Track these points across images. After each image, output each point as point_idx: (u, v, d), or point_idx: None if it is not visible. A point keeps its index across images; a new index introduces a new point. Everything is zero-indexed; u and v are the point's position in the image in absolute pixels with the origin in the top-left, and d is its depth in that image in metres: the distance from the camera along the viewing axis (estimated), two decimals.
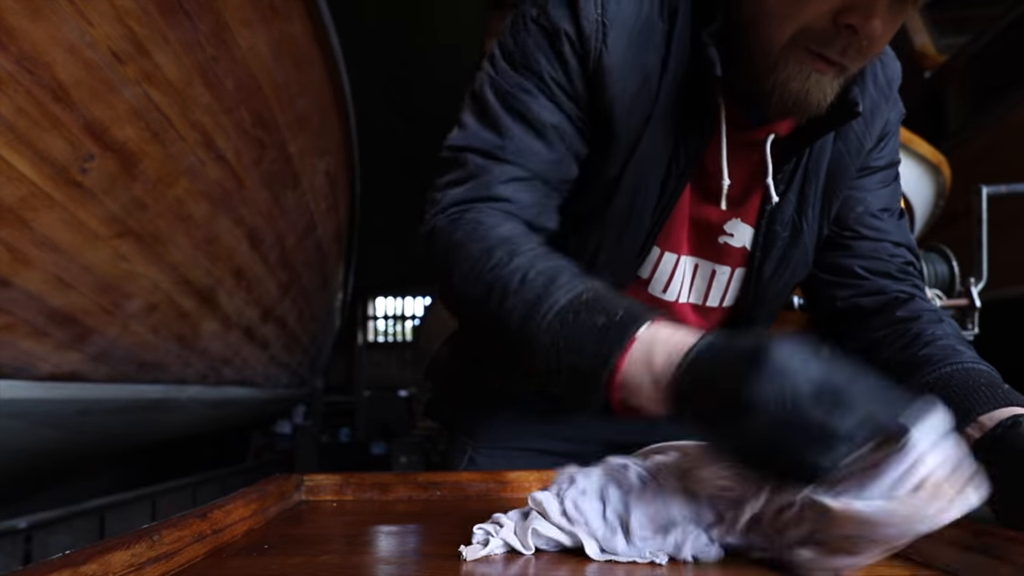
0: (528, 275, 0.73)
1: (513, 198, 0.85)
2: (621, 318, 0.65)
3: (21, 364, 2.19)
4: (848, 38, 0.77)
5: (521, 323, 0.71)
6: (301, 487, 0.95)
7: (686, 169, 0.90)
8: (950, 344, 0.95)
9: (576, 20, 0.86)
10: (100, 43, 1.71)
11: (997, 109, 3.92)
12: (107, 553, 0.51)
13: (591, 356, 0.65)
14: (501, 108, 0.88)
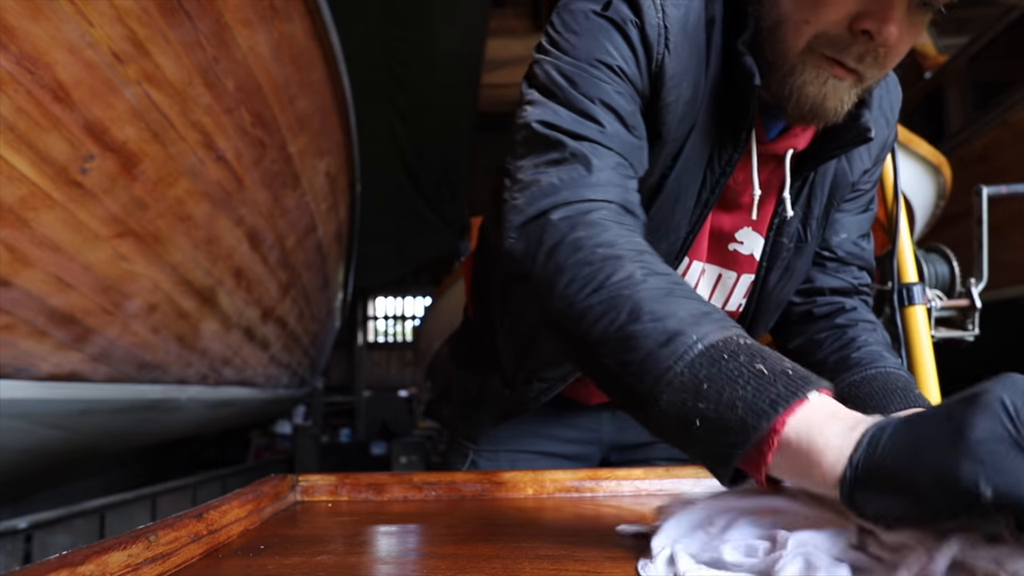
0: (669, 301, 0.64)
1: (617, 187, 0.80)
2: (791, 372, 0.57)
3: (21, 364, 2.19)
4: (865, 44, 0.77)
5: (652, 351, 0.61)
6: (296, 487, 0.95)
7: (720, 178, 0.92)
8: (878, 351, 1.03)
9: (640, 19, 0.85)
10: (100, 43, 1.71)
11: (997, 109, 3.92)
12: (104, 553, 0.51)
13: (746, 405, 0.55)
14: (581, 95, 0.83)
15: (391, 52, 5.83)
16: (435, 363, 5.24)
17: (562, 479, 1.01)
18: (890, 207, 1.53)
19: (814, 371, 0.73)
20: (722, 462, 0.57)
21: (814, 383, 0.56)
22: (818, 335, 1.09)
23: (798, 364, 0.59)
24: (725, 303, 1.06)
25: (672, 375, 0.59)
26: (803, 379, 0.56)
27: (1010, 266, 3.88)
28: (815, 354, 1.08)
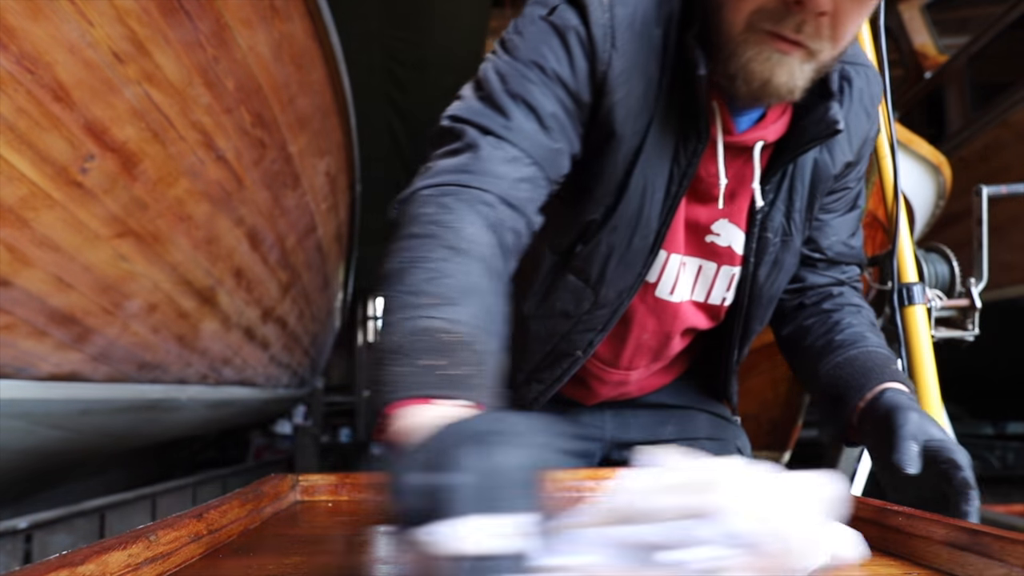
0: (433, 283, 0.70)
1: (505, 176, 0.83)
2: (442, 377, 0.62)
3: (21, 364, 2.19)
4: (801, 14, 0.79)
5: (391, 311, 0.68)
6: (296, 487, 0.95)
7: (687, 170, 0.94)
8: (860, 331, 1.08)
9: (587, 22, 0.88)
10: (100, 43, 1.71)
11: (997, 109, 3.92)
12: (104, 553, 0.51)
13: (392, 379, 0.62)
14: (503, 91, 0.87)
15: (391, 52, 5.82)
16: None
17: (563, 479, 1.01)
18: (890, 207, 1.52)
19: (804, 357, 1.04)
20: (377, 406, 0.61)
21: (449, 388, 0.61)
22: (806, 321, 1.14)
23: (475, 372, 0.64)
24: (708, 295, 1.08)
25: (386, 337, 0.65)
26: (444, 382, 0.61)
27: (1010, 266, 3.88)
28: (804, 341, 1.13)
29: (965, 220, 1.94)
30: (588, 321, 1.06)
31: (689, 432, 1.26)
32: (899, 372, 0.99)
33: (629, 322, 1.09)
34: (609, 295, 1.03)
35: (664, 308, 1.08)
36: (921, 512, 0.66)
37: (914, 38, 4.80)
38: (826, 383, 1.05)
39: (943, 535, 0.60)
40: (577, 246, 1.01)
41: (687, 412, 1.27)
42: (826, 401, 1.05)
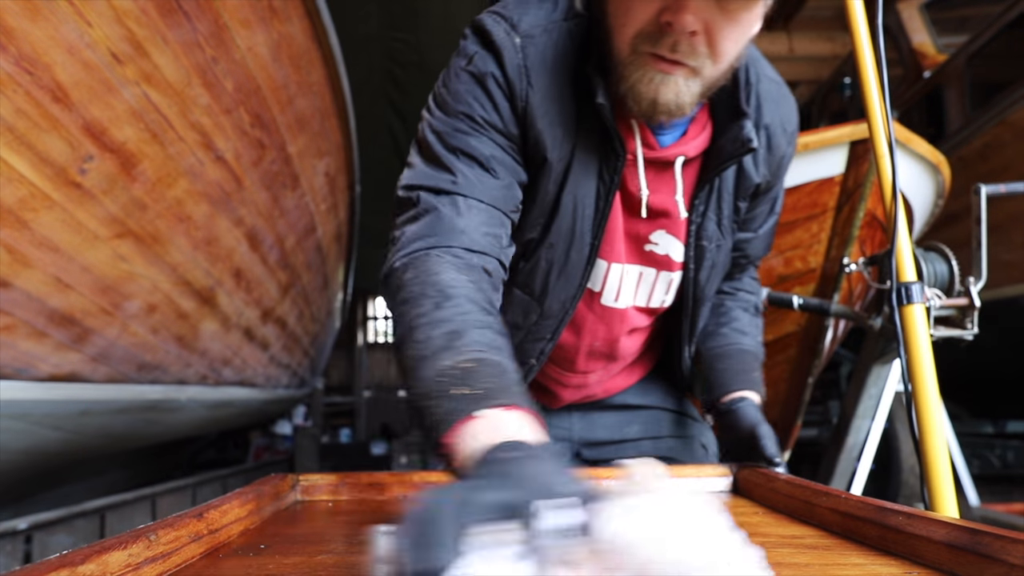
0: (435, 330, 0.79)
1: (464, 229, 0.92)
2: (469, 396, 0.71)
3: (21, 365, 2.19)
4: (674, 35, 0.86)
5: (414, 368, 0.77)
6: (297, 487, 0.95)
7: (612, 186, 1.04)
8: (742, 327, 1.28)
9: (502, 66, 0.97)
10: (99, 44, 1.71)
11: (997, 108, 3.92)
12: (104, 553, 0.51)
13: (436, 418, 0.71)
14: (443, 148, 0.97)
15: (390, 53, 5.82)
16: None
17: None
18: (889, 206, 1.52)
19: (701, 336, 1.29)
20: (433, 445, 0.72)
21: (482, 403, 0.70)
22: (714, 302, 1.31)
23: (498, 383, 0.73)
24: (649, 298, 1.19)
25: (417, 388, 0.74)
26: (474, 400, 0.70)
27: (1009, 265, 3.88)
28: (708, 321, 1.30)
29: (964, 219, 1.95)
30: (536, 331, 1.16)
31: (653, 431, 1.36)
32: (757, 378, 1.22)
33: (580, 330, 1.20)
34: (553, 306, 1.13)
35: (611, 315, 1.18)
36: (921, 512, 0.66)
37: (913, 37, 4.79)
38: (707, 365, 1.27)
39: (943, 534, 0.60)
40: (520, 263, 1.10)
41: (652, 412, 1.37)
42: (703, 378, 1.27)
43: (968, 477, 3.08)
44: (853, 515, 0.72)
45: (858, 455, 2.58)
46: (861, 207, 2.39)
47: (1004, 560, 0.53)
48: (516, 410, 0.70)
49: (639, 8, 0.88)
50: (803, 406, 2.78)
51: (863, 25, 1.58)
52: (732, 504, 0.99)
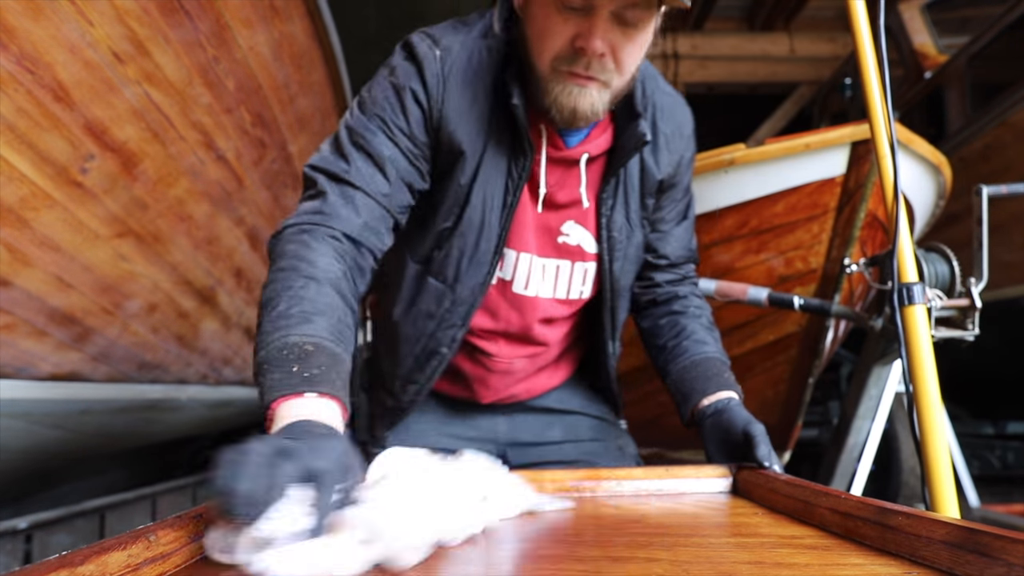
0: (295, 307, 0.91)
1: (347, 216, 1.05)
2: (304, 377, 0.83)
3: (21, 364, 2.19)
4: (587, 57, 1.04)
5: (265, 332, 0.89)
6: None
7: (519, 182, 1.17)
8: (701, 337, 1.36)
9: (422, 76, 1.13)
10: (100, 43, 1.71)
11: (997, 109, 3.91)
12: (104, 553, 0.51)
13: (270, 384, 0.83)
14: (349, 142, 1.11)
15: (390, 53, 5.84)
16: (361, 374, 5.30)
17: (562, 479, 1.01)
18: (890, 207, 1.52)
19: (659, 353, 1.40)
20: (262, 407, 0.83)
21: (312, 386, 0.82)
22: (660, 320, 1.42)
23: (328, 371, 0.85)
24: (568, 291, 1.31)
25: (265, 351, 0.86)
26: (307, 382, 0.82)
27: (1010, 266, 3.88)
28: (658, 339, 1.41)
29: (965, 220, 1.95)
30: (449, 318, 1.26)
31: (574, 435, 1.46)
32: (731, 381, 1.29)
33: (496, 316, 1.31)
34: (464, 292, 1.24)
35: (522, 302, 1.29)
36: (920, 512, 0.66)
37: (914, 38, 4.79)
38: (676, 379, 1.33)
39: (943, 534, 0.60)
40: (434, 251, 1.23)
41: (573, 416, 1.48)
42: (675, 394, 1.33)
43: (968, 478, 3.07)
44: (852, 515, 0.73)
45: (858, 456, 2.58)
46: (862, 208, 2.39)
47: (1004, 560, 0.53)
48: (333, 400, 0.83)
49: (556, 35, 1.05)
50: (803, 406, 2.78)
51: (864, 26, 1.58)
52: (731, 504, 0.99)
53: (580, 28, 1.03)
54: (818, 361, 2.69)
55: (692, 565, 0.63)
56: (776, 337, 2.71)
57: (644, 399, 3.04)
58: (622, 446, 1.49)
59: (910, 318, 1.45)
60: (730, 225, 2.63)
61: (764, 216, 2.56)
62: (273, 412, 0.80)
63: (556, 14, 1.04)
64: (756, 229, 2.59)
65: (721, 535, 0.81)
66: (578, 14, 1.03)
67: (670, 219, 1.40)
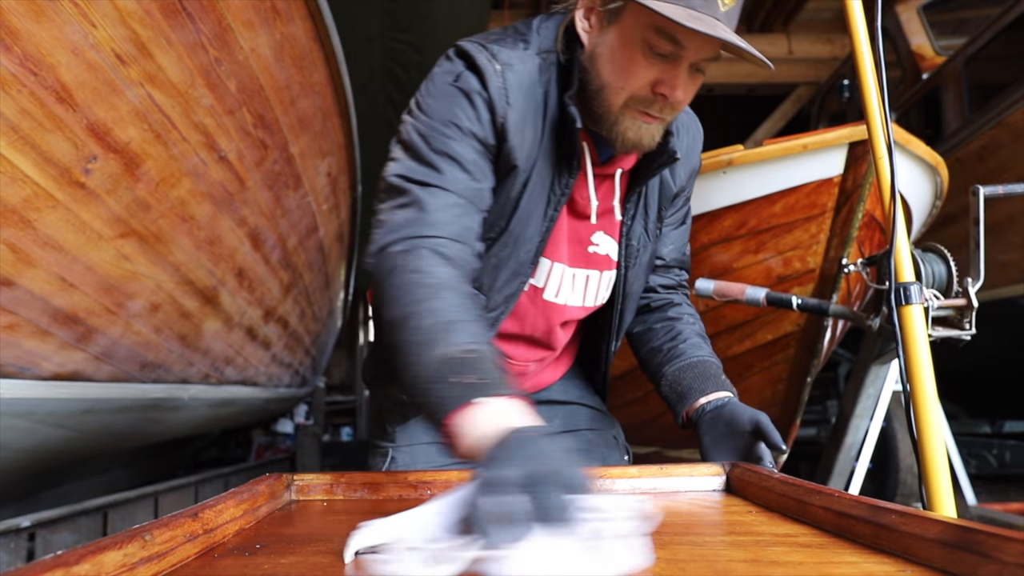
0: (431, 319, 0.92)
1: (447, 221, 1.07)
2: (476, 383, 0.84)
3: (24, 364, 2.20)
4: (662, 101, 1.10)
5: (413, 354, 0.90)
6: (292, 487, 0.96)
7: (561, 196, 1.22)
8: (697, 342, 1.42)
9: (485, 86, 1.13)
10: (103, 45, 1.72)
11: (994, 110, 3.91)
12: (99, 553, 0.51)
13: (439, 400, 0.84)
14: (429, 149, 1.11)
15: (391, 54, 5.83)
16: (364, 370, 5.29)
17: None
18: (887, 207, 1.53)
19: (652, 355, 1.45)
20: (436, 426, 0.85)
21: (484, 391, 0.83)
22: (654, 325, 1.47)
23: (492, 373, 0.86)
24: (594, 298, 1.36)
25: (425, 369, 0.87)
26: (477, 388, 0.83)
27: (1007, 266, 3.89)
28: (652, 342, 1.46)
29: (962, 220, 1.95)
30: None
31: (572, 425, 1.51)
32: (728, 383, 1.34)
33: (523, 321, 1.35)
34: (497, 299, 1.27)
35: (551, 309, 1.34)
36: (914, 510, 0.66)
37: (911, 39, 4.79)
38: (672, 379, 1.38)
39: (936, 532, 0.60)
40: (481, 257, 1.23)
41: (572, 407, 1.53)
42: (670, 394, 1.38)
43: (965, 476, 3.08)
44: (847, 513, 0.73)
45: (856, 454, 2.58)
46: (860, 208, 2.40)
47: (997, 558, 0.53)
48: (513, 399, 0.83)
49: (638, 77, 1.09)
50: (802, 405, 2.79)
51: (862, 27, 1.59)
52: (725, 503, 1.00)
53: (663, 75, 1.08)
54: (816, 360, 2.70)
55: (688, 564, 0.63)
56: (774, 336, 2.72)
57: (645, 398, 3.05)
58: (616, 435, 1.56)
59: (907, 318, 1.46)
60: (728, 225, 2.63)
61: (762, 216, 2.56)
62: (454, 429, 0.82)
63: (641, 56, 1.07)
64: (754, 229, 2.59)
65: (716, 533, 0.81)
66: (664, 60, 1.07)
67: (670, 223, 1.45)
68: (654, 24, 1.05)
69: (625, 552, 0.62)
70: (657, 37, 1.05)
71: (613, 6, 1.10)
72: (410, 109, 1.18)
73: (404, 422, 1.43)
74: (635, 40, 1.07)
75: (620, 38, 1.09)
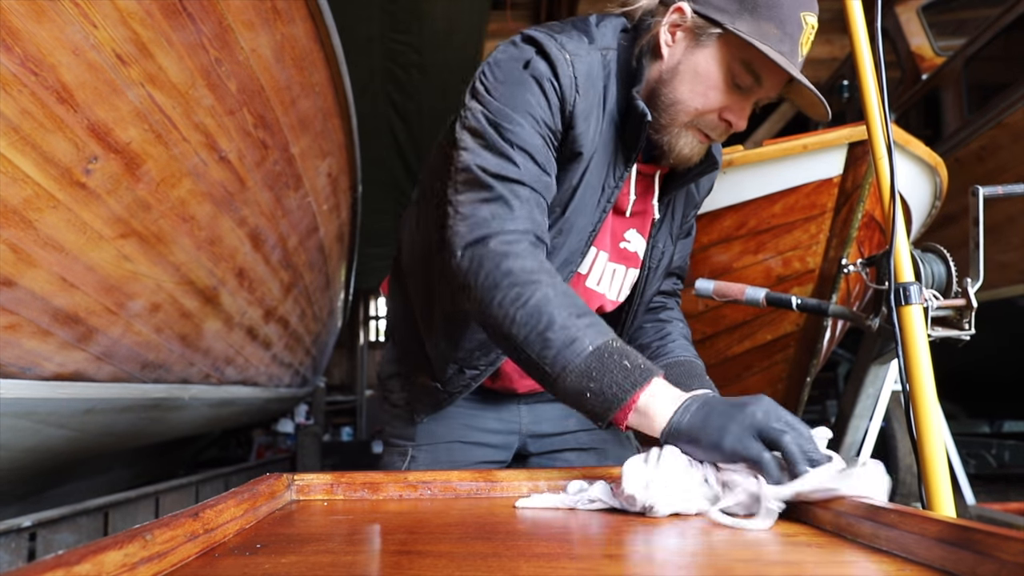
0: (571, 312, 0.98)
1: (529, 216, 1.08)
2: (643, 366, 0.95)
3: (26, 364, 2.20)
4: (724, 126, 1.18)
5: (561, 348, 0.96)
6: (292, 486, 0.96)
7: (614, 190, 1.24)
8: (684, 344, 1.45)
9: (556, 74, 1.13)
10: (104, 45, 1.72)
11: (994, 111, 3.92)
12: (100, 553, 0.51)
13: (616, 387, 0.93)
14: (502, 139, 1.10)
15: (391, 54, 5.83)
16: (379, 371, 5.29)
17: (556, 477, 1.02)
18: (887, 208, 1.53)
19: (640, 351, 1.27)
20: (601, 419, 0.95)
21: (656, 372, 0.95)
22: (645, 324, 1.50)
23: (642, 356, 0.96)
24: (618, 293, 1.39)
25: (573, 366, 0.95)
26: (650, 370, 0.94)
27: (1006, 266, 3.89)
28: (641, 339, 1.48)
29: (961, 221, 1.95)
30: None
31: (587, 423, 1.49)
32: (710, 382, 1.35)
33: None
34: None
35: (590, 297, 1.35)
36: (913, 510, 0.66)
37: (911, 40, 4.79)
38: None
39: (936, 532, 0.60)
40: None
41: None
42: None
43: (965, 476, 3.08)
44: (845, 513, 0.73)
45: (856, 454, 2.59)
46: (859, 208, 2.40)
47: (996, 557, 0.53)
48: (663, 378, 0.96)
49: (712, 100, 1.15)
50: (801, 405, 2.79)
51: (861, 28, 1.59)
52: None
53: (733, 104, 1.15)
54: (816, 360, 2.70)
55: (688, 563, 0.63)
56: (774, 336, 2.73)
57: None
58: (629, 435, 1.57)
59: (907, 318, 1.46)
60: (728, 225, 2.64)
61: (762, 217, 2.57)
62: (641, 408, 0.92)
63: (723, 83, 1.14)
64: (754, 229, 2.60)
65: (716, 532, 0.81)
66: (739, 91, 1.14)
67: (681, 232, 1.49)
68: (743, 58, 1.11)
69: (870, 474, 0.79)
70: (743, 70, 1.12)
71: (710, 31, 1.13)
72: (475, 94, 1.17)
73: (436, 412, 1.42)
74: (721, 68, 1.13)
75: (706, 62, 1.14)
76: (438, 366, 1.37)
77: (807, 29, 1.13)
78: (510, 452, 1.49)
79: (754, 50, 1.09)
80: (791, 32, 1.11)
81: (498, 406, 1.47)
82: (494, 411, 1.46)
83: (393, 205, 7.75)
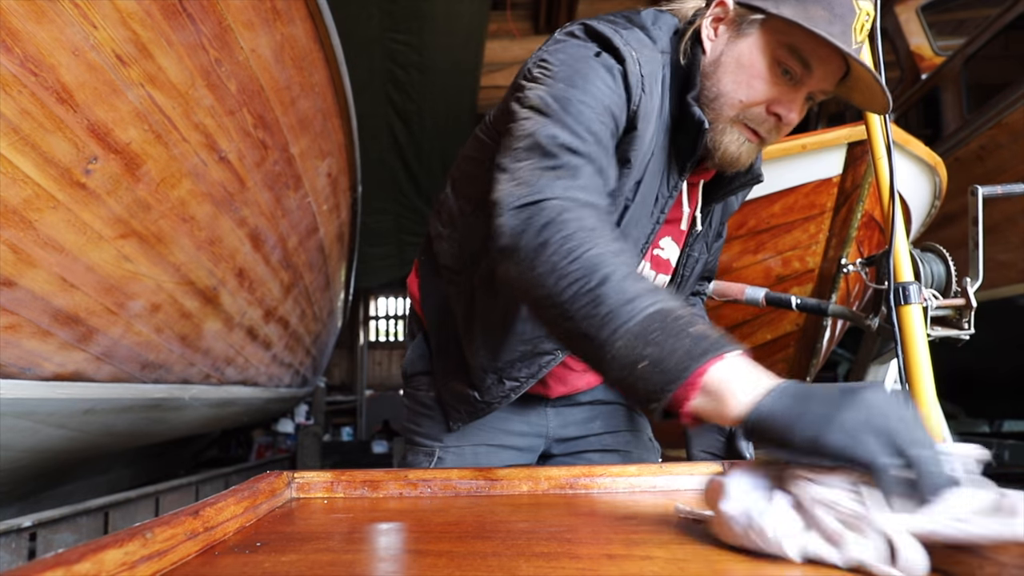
0: (630, 274, 0.81)
1: (596, 189, 0.97)
2: (716, 336, 0.75)
3: (26, 364, 2.20)
4: (774, 122, 1.09)
5: (615, 306, 0.78)
6: (292, 484, 0.96)
7: (669, 199, 1.19)
8: None
9: (625, 71, 1.06)
10: (104, 46, 1.72)
11: (993, 110, 3.92)
12: (100, 551, 0.51)
13: (681, 355, 0.72)
14: (571, 117, 1.00)
15: (391, 55, 5.83)
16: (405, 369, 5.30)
17: (557, 476, 1.02)
18: (886, 207, 1.54)
19: None
20: (655, 398, 0.74)
21: (733, 347, 0.74)
22: None
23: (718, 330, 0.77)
24: None
25: (629, 326, 0.76)
26: (728, 343, 0.74)
27: (1005, 265, 3.89)
28: None
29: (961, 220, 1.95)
30: None
31: (612, 426, 1.47)
32: None
33: None
34: None
35: None
36: None
37: (910, 40, 4.80)
38: None
39: None
40: None
41: (611, 407, 1.48)
42: None
43: None
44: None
45: None
46: (859, 208, 2.40)
47: (996, 559, 0.53)
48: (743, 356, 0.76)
49: (758, 91, 1.07)
50: None
51: None
52: None
53: (782, 96, 1.07)
54: (815, 360, 2.70)
55: (687, 563, 0.63)
56: (774, 336, 2.73)
57: None
58: (650, 437, 1.53)
59: (906, 317, 1.46)
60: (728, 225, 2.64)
61: (762, 216, 2.57)
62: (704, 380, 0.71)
63: (768, 72, 1.06)
64: (754, 229, 2.60)
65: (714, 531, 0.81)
66: (787, 81, 1.06)
67: (717, 241, 1.48)
68: (788, 43, 1.04)
69: None
70: (789, 56, 1.04)
71: (752, 18, 1.07)
72: (534, 77, 1.08)
73: (472, 421, 1.36)
74: (765, 55, 1.06)
75: (749, 51, 1.07)
76: (476, 375, 1.30)
77: (861, 14, 1.02)
78: (535, 454, 1.46)
79: (800, 33, 1.01)
80: (841, 14, 1.01)
81: (527, 410, 1.43)
82: (523, 415, 1.42)
83: (393, 205, 7.76)
